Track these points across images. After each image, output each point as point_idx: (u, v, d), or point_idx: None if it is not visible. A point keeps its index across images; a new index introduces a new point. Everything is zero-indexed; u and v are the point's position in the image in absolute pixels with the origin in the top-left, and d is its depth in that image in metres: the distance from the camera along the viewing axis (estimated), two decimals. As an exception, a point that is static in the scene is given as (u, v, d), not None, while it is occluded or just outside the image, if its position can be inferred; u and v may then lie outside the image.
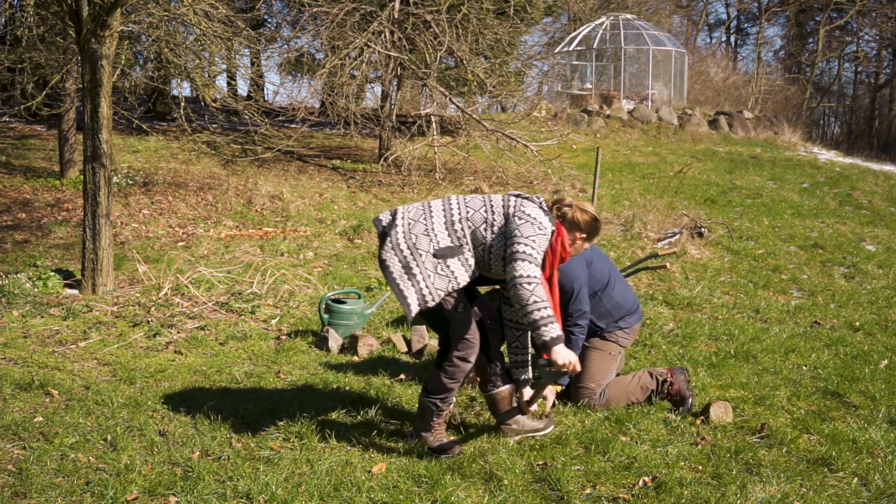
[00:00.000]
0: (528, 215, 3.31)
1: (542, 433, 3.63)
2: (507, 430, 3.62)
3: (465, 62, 11.59)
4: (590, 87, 20.95)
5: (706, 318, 6.05)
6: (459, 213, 3.40)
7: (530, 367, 3.72)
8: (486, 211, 3.39)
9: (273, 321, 5.67)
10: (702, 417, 3.86)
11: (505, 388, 3.61)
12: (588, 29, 21.24)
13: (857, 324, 5.96)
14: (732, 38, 38.43)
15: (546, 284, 3.39)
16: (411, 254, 3.31)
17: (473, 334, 3.42)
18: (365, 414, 3.82)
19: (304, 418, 3.73)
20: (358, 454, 3.41)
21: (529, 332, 3.61)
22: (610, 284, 4.12)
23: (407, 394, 4.16)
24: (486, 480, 3.19)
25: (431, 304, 3.28)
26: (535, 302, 3.14)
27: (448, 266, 3.32)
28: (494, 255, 3.36)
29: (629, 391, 4.03)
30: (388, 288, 6.55)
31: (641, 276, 7.15)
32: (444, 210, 3.43)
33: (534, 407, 3.67)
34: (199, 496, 2.97)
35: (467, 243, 3.37)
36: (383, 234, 3.42)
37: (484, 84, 11.50)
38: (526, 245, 3.23)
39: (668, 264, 5.15)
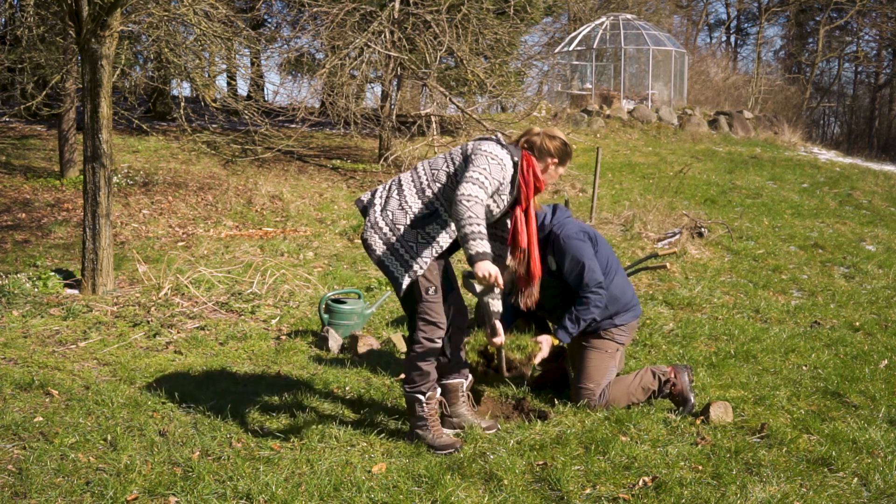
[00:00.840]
0: (483, 150, 3.40)
1: (485, 431, 3.66)
2: (447, 421, 3.70)
3: (465, 62, 11.59)
4: (590, 87, 20.94)
5: (706, 318, 6.05)
6: (426, 178, 3.50)
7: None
8: (448, 164, 3.49)
9: (273, 321, 5.67)
10: (702, 417, 3.86)
11: (455, 381, 3.72)
12: (588, 29, 21.23)
13: (857, 324, 5.96)
14: (732, 38, 38.44)
15: (523, 217, 3.50)
16: (391, 230, 3.44)
17: (440, 318, 3.48)
18: (365, 414, 3.82)
19: (304, 418, 3.73)
20: (358, 454, 3.41)
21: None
22: (608, 275, 4.01)
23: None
24: (486, 480, 3.19)
25: (420, 272, 3.39)
26: (470, 217, 3.18)
27: (427, 233, 3.43)
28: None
29: (630, 391, 4.01)
30: (389, 288, 6.56)
31: (641, 276, 7.15)
32: (412, 181, 3.52)
33: (499, 340, 3.59)
34: (199, 496, 2.97)
35: (441, 205, 3.46)
36: (363, 212, 3.56)
37: (484, 84, 11.50)
38: (474, 171, 3.31)
39: (668, 264, 5.15)
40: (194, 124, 11.95)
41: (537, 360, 3.83)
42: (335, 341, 5.06)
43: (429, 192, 3.48)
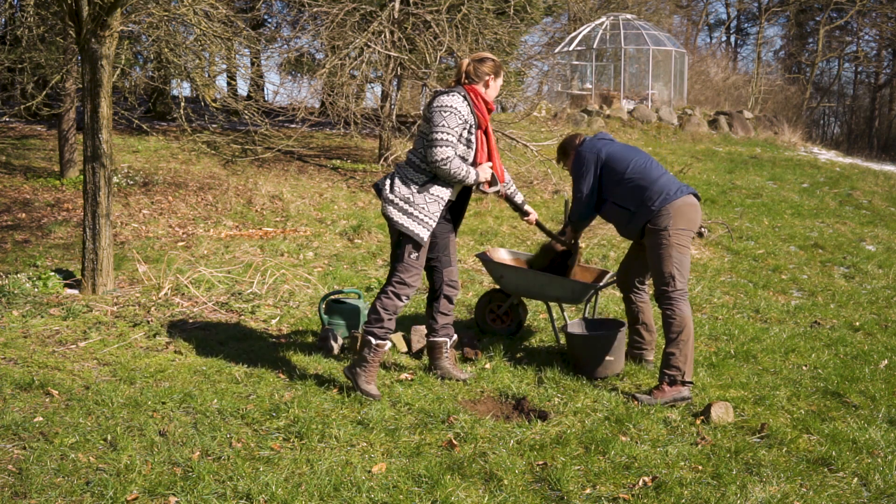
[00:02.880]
0: (435, 107, 4.03)
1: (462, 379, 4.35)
2: (432, 373, 4.44)
3: (465, 62, 11.57)
4: (590, 87, 20.94)
5: (706, 318, 6.05)
6: (416, 155, 4.14)
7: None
8: (419, 137, 4.13)
9: (273, 321, 5.67)
10: (702, 417, 3.86)
11: (440, 339, 4.45)
12: (588, 29, 21.23)
13: (857, 324, 5.96)
14: (732, 38, 38.45)
15: (483, 137, 4.19)
16: (403, 200, 4.06)
17: (414, 281, 4.13)
18: (365, 414, 3.82)
19: (304, 418, 3.73)
20: (358, 454, 3.41)
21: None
22: (629, 175, 4.40)
23: (407, 393, 4.16)
24: (486, 480, 3.19)
25: (434, 225, 4.06)
26: (455, 172, 4.02)
27: (431, 192, 4.08)
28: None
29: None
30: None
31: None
32: (408, 161, 4.17)
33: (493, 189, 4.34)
34: (199, 496, 2.97)
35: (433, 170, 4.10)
36: (378, 193, 4.18)
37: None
38: (436, 131, 3.99)
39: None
40: (194, 124, 11.96)
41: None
42: (335, 341, 5.06)
43: (420, 164, 4.11)
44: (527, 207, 4.62)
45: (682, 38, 32.07)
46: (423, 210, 4.05)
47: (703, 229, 4.81)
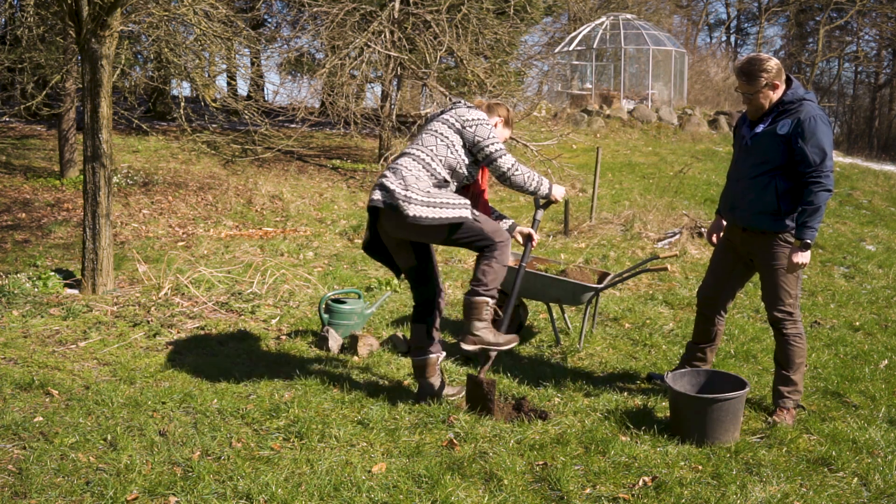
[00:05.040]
0: (473, 119, 3.84)
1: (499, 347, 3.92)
2: (468, 339, 3.88)
3: (465, 62, 11.59)
4: (590, 87, 20.95)
5: (706, 318, 6.04)
6: (426, 155, 3.82)
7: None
8: (442, 138, 3.84)
9: (273, 321, 5.67)
10: (702, 417, 3.86)
11: (433, 356, 4.06)
12: (588, 29, 21.24)
13: (857, 324, 5.96)
14: (732, 38, 38.45)
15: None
16: (425, 194, 3.67)
17: (494, 229, 3.80)
18: (365, 414, 3.82)
19: (304, 418, 3.73)
20: (358, 454, 3.41)
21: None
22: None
23: (407, 393, 4.16)
24: (486, 480, 3.19)
25: (469, 205, 3.73)
26: (527, 179, 3.89)
27: (451, 191, 3.84)
28: (469, 166, 3.89)
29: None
30: (389, 288, 6.57)
31: (641, 276, 7.15)
32: (414, 159, 3.81)
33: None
34: (199, 496, 2.97)
35: (449, 174, 3.85)
36: (390, 204, 3.69)
37: (484, 84, 11.50)
38: (491, 143, 3.82)
39: (668, 266, 5.15)
40: (194, 124, 11.96)
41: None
42: (335, 341, 5.06)
43: (435, 165, 3.80)
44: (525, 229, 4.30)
45: (682, 38, 32.07)
46: (449, 197, 3.71)
47: (703, 229, 4.76)
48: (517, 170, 3.84)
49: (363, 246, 4.08)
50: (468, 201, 3.77)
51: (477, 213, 3.84)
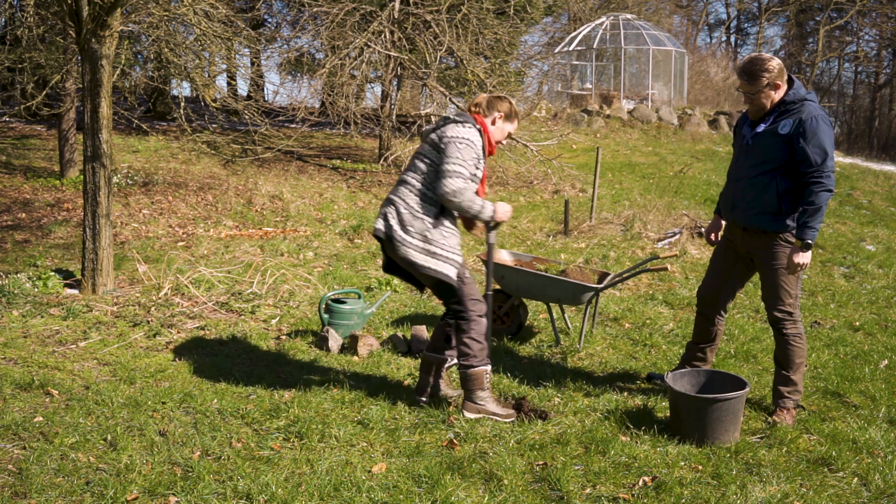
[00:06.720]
0: (450, 136, 3.74)
1: (502, 420, 3.86)
2: (471, 407, 3.90)
3: (465, 62, 11.59)
4: (590, 87, 20.95)
5: (706, 318, 6.04)
6: (420, 184, 3.80)
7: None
8: (429, 162, 3.81)
9: (273, 321, 5.67)
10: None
11: (444, 357, 4.06)
12: (588, 29, 21.24)
13: (857, 324, 5.96)
14: (732, 38, 38.46)
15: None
16: (421, 238, 3.75)
17: (475, 296, 3.86)
18: (365, 414, 3.82)
19: (304, 418, 3.73)
20: (358, 454, 3.41)
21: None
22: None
23: (407, 393, 4.16)
24: (486, 480, 3.19)
25: (460, 261, 3.81)
26: (469, 205, 3.72)
27: (445, 225, 3.80)
28: None
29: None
30: (389, 288, 6.56)
31: (641, 276, 7.15)
32: (410, 192, 3.81)
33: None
34: (199, 496, 2.97)
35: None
36: (389, 238, 3.79)
37: (484, 84, 11.49)
38: (450, 163, 3.71)
39: (668, 266, 5.15)
40: (194, 124, 11.96)
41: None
42: (335, 341, 5.06)
43: (430, 194, 3.78)
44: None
45: (682, 38, 32.08)
46: (444, 247, 3.76)
47: (703, 229, 4.74)
48: (462, 195, 3.67)
49: (382, 268, 4.10)
50: (460, 254, 3.79)
51: (466, 272, 3.85)
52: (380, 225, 3.84)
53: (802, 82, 3.86)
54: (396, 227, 3.77)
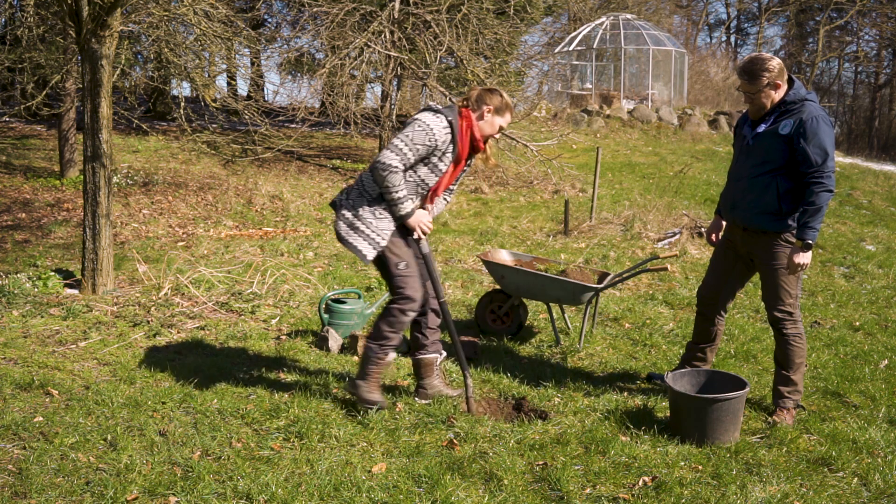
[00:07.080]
0: (414, 118, 3.75)
1: (451, 395, 4.07)
2: (422, 393, 4.08)
3: (465, 62, 11.59)
4: (590, 87, 20.95)
5: (706, 318, 6.04)
6: None
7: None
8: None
9: (273, 321, 5.67)
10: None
11: (430, 356, 4.10)
12: (588, 29, 21.24)
13: (857, 324, 5.96)
14: (732, 38, 38.47)
15: (451, 166, 3.87)
16: (353, 214, 3.79)
17: (414, 292, 3.84)
18: (365, 414, 3.82)
19: (304, 418, 3.73)
20: (358, 454, 3.41)
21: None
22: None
23: (408, 393, 4.16)
24: (486, 480, 3.19)
25: (383, 244, 3.76)
26: (387, 187, 3.68)
27: (382, 208, 3.78)
28: (419, 172, 3.80)
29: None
30: (387, 288, 6.56)
31: (641, 276, 7.15)
32: (369, 168, 3.82)
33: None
34: (199, 496, 2.97)
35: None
36: (333, 206, 3.92)
37: (484, 84, 11.49)
38: (396, 138, 3.69)
39: (668, 266, 5.15)
40: (194, 124, 11.96)
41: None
42: (335, 341, 5.06)
43: None
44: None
45: (682, 38, 32.08)
46: (370, 226, 3.75)
47: (703, 229, 4.73)
48: (387, 169, 3.63)
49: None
50: (385, 238, 3.74)
51: (410, 264, 3.81)
52: (338, 196, 3.94)
53: (802, 82, 3.86)
54: (343, 198, 3.87)
